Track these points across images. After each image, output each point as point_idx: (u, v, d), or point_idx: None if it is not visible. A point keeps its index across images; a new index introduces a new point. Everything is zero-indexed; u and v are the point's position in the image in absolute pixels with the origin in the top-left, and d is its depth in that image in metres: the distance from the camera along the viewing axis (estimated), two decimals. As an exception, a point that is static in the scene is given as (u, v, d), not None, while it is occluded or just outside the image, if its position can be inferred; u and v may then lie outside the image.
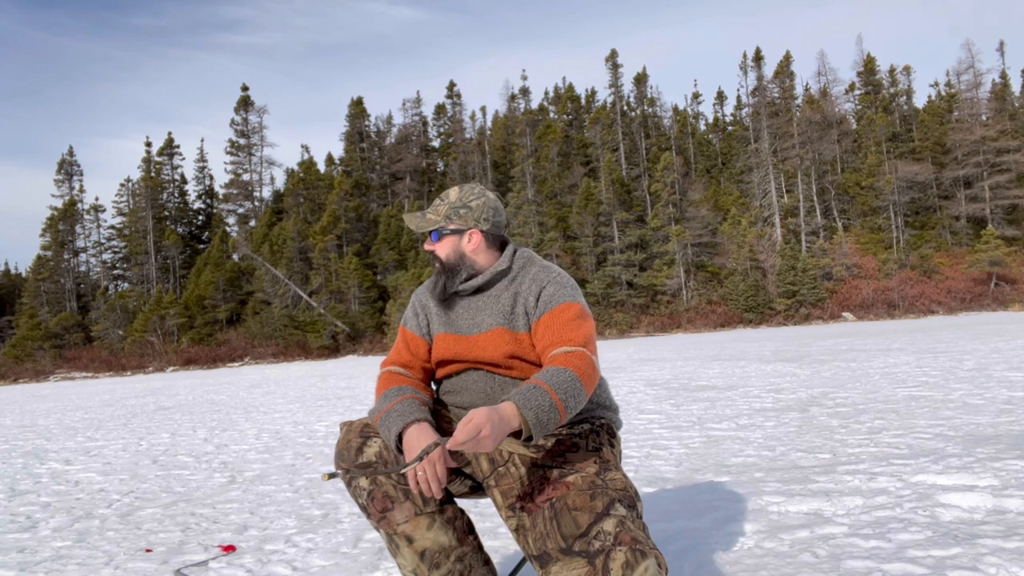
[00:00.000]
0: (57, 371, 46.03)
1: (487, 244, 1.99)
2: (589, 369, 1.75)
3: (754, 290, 44.37)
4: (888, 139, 54.18)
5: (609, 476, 1.74)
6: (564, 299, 1.88)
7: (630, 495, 1.70)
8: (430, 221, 1.99)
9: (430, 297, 2.06)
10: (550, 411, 1.61)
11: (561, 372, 1.69)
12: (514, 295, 1.93)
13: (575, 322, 1.84)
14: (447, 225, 1.96)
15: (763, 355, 14.03)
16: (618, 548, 1.51)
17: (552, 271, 1.95)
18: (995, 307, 40.88)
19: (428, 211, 2.01)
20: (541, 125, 61.38)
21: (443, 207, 1.99)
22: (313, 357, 44.13)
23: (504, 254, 1.99)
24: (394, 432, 1.77)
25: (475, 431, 1.50)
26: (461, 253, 1.97)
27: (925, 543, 2.41)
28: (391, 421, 1.80)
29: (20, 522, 3.75)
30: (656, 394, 8.11)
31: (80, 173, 62.45)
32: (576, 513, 1.60)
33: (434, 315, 2.03)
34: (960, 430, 4.54)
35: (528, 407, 1.59)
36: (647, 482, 3.71)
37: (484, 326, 1.93)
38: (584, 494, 1.63)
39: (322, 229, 51.93)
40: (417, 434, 1.74)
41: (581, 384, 1.70)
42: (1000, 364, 8.67)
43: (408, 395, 1.89)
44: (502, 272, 1.96)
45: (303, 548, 2.93)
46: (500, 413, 1.56)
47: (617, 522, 1.56)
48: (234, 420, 8.63)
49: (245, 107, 63.60)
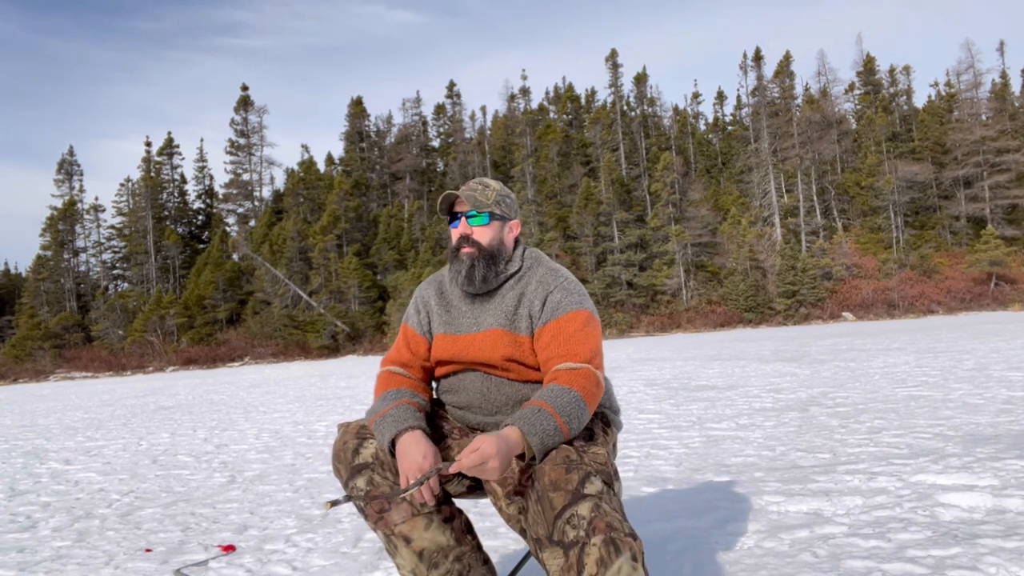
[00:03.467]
0: (57, 371, 46.03)
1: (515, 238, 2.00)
2: (593, 387, 1.75)
3: (754, 290, 44.37)
4: (888, 139, 54.17)
5: (592, 450, 1.73)
6: (571, 307, 1.86)
7: (608, 471, 1.68)
8: (482, 203, 1.92)
9: (433, 294, 2.04)
10: (555, 434, 1.64)
11: (565, 393, 1.69)
12: (519, 296, 1.92)
13: (581, 333, 1.82)
14: (496, 209, 1.93)
15: (763, 355, 14.03)
16: (592, 539, 1.49)
17: (560, 274, 1.93)
18: (995, 307, 40.88)
19: (474, 192, 1.93)
20: (541, 125, 61.37)
21: (490, 192, 1.94)
22: (313, 357, 44.13)
23: (515, 253, 1.98)
24: (387, 438, 1.78)
25: (480, 460, 1.52)
26: (502, 240, 1.95)
27: (925, 543, 2.41)
28: (385, 426, 1.80)
29: (20, 522, 3.75)
30: (656, 394, 8.11)
31: (80, 173, 62.46)
32: (553, 494, 1.57)
33: (435, 314, 2.01)
34: (960, 430, 4.54)
35: (533, 432, 1.61)
36: (647, 482, 3.71)
37: (484, 325, 1.92)
38: (559, 467, 1.61)
39: (322, 229, 51.92)
40: (410, 442, 1.74)
41: (585, 405, 1.71)
42: (1000, 364, 8.67)
43: (405, 399, 1.88)
44: (512, 273, 1.95)
45: (303, 548, 2.92)
46: (507, 442, 1.57)
47: (592, 505, 1.54)
48: (234, 420, 8.62)
49: (245, 107, 63.59)
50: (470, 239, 1.92)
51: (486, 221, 1.92)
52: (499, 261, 1.93)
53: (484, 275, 1.91)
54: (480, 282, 1.91)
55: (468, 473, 1.54)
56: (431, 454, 1.72)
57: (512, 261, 1.96)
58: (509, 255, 1.96)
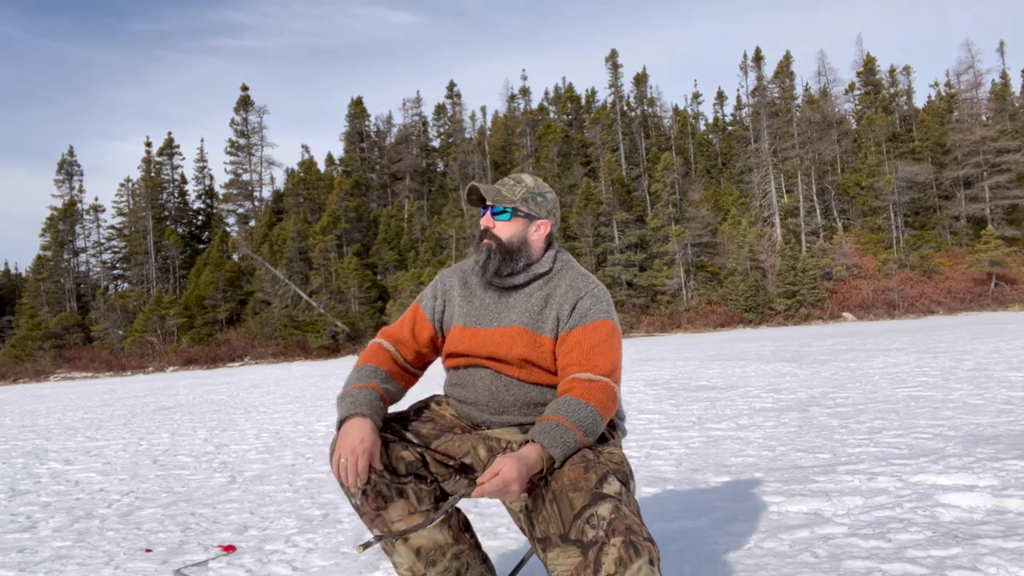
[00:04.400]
0: (57, 371, 46.02)
1: (547, 238, 1.99)
2: (609, 402, 1.77)
3: (754, 290, 44.36)
4: (888, 139, 54.16)
5: (607, 450, 1.76)
6: (599, 315, 1.86)
7: (624, 471, 1.71)
8: (506, 198, 1.94)
9: (457, 283, 2.02)
10: (574, 447, 1.67)
11: (582, 407, 1.71)
12: (546, 297, 1.91)
13: (606, 344, 1.83)
14: (521, 207, 1.94)
15: (763, 355, 14.02)
16: (612, 540, 1.50)
17: (590, 281, 1.93)
18: (995, 307, 40.86)
19: (502, 186, 1.96)
20: (541, 125, 61.33)
21: (520, 189, 1.95)
22: (313, 357, 44.10)
23: (547, 255, 1.97)
24: (338, 417, 1.80)
25: (503, 484, 1.54)
26: (525, 239, 1.94)
27: (925, 543, 2.41)
28: (344, 405, 1.81)
29: (20, 522, 3.75)
30: (656, 394, 8.11)
31: (80, 173, 62.38)
32: (573, 494, 1.59)
33: (456, 305, 1.99)
34: (960, 430, 4.53)
35: (555, 445, 1.64)
36: (647, 482, 3.71)
37: (506, 321, 1.90)
38: (577, 467, 1.63)
39: (322, 229, 51.91)
40: (353, 426, 1.74)
41: (601, 419, 1.74)
42: (1000, 364, 8.66)
43: (374, 383, 1.87)
44: (541, 274, 1.95)
45: (303, 548, 2.92)
46: (526, 463, 1.60)
47: (612, 507, 1.55)
48: (234, 420, 8.62)
49: (245, 107, 63.56)
50: (490, 232, 1.94)
51: (508, 217, 1.93)
52: (517, 258, 1.92)
53: (497, 268, 1.91)
54: (492, 274, 1.91)
55: (489, 497, 1.57)
56: (368, 439, 1.71)
57: (541, 262, 1.95)
58: (533, 254, 1.95)
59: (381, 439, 1.84)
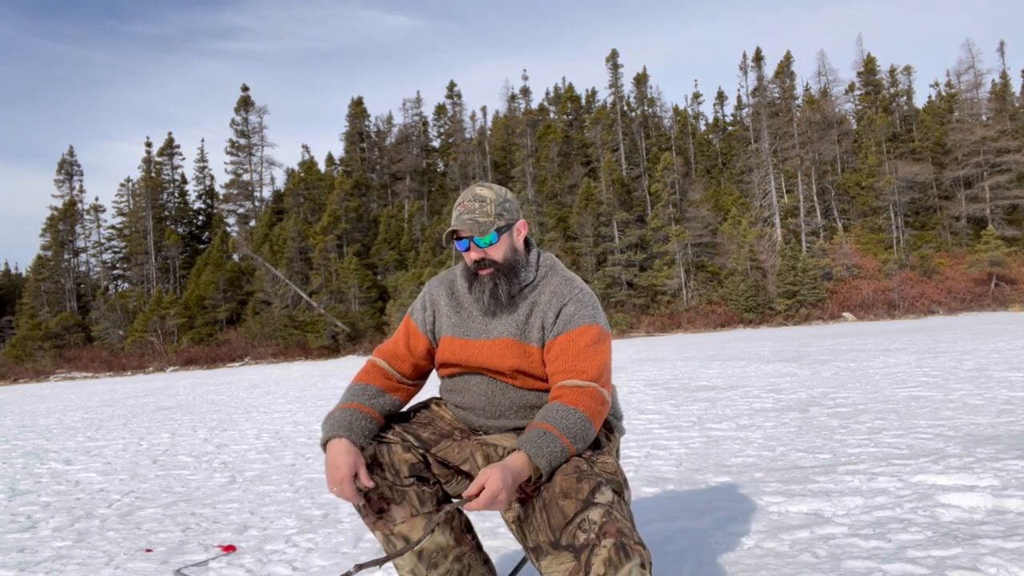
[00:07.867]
0: (57, 371, 46.03)
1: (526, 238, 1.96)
2: (598, 407, 1.75)
3: (754, 290, 44.35)
4: (888, 139, 54.15)
5: (600, 459, 1.74)
6: (584, 320, 1.83)
7: (618, 480, 1.69)
8: (488, 224, 1.83)
9: (444, 294, 2.00)
10: (562, 455, 1.65)
11: (571, 414, 1.69)
12: (531, 305, 1.89)
13: (591, 349, 1.80)
14: (499, 222, 1.86)
15: (763, 355, 14.02)
16: (603, 542, 1.50)
17: (574, 286, 1.90)
18: (995, 307, 40.85)
19: (473, 215, 1.84)
20: (541, 125, 61.32)
21: (489, 206, 1.85)
22: (313, 357, 44.10)
23: (530, 261, 1.93)
24: (322, 439, 1.81)
25: (490, 498, 1.54)
26: (515, 248, 1.90)
27: (925, 543, 2.41)
28: (325, 427, 1.81)
29: (20, 522, 3.75)
30: (656, 394, 8.11)
31: (80, 173, 62.39)
32: (563, 502, 1.58)
33: (444, 315, 1.98)
34: (960, 430, 4.53)
35: (540, 455, 1.62)
36: (647, 482, 3.71)
37: (494, 333, 1.89)
38: (570, 477, 1.62)
39: (322, 229, 51.91)
40: (334, 451, 1.75)
41: (591, 425, 1.72)
42: (1000, 364, 8.66)
43: (358, 403, 1.86)
44: (527, 284, 1.91)
45: (303, 548, 2.92)
46: (512, 471, 1.59)
47: (604, 511, 1.54)
48: (234, 420, 8.62)
49: (245, 107, 63.57)
50: (485, 261, 1.87)
51: (495, 239, 1.85)
52: (519, 271, 1.89)
53: (509, 290, 1.87)
54: (507, 297, 1.87)
55: (480, 511, 1.58)
56: (344, 465, 1.71)
57: (527, 270, 1.92)
58: (524, 261, 1.92)
59: (382, 441, 1.85)
